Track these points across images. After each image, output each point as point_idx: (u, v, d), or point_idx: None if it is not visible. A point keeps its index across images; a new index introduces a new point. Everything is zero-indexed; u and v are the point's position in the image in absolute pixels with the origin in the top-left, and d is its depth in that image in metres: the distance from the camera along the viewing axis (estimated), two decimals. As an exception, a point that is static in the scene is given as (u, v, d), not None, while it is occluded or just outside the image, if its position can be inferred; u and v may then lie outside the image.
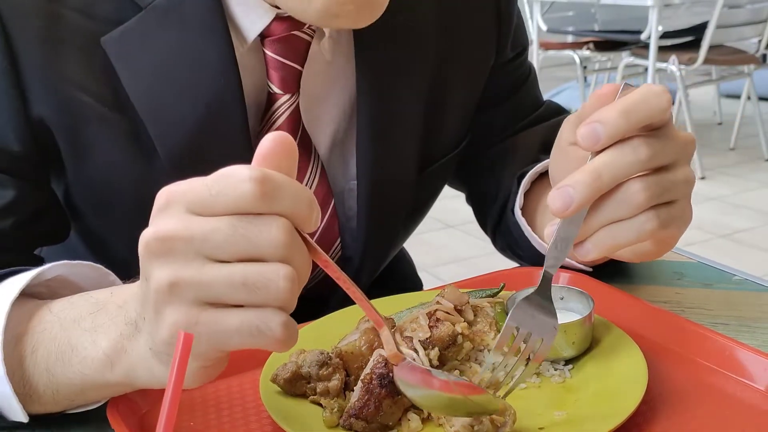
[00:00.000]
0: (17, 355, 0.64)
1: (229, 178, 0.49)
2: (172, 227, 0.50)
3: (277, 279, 0.49)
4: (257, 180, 0.49)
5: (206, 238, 0.49)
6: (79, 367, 0.60)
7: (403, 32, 0.86)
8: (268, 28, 0.79)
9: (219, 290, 0.50)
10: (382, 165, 0.88)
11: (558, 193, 0.60)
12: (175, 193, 0.51)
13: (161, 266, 0.51)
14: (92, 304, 0.62)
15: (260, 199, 0.49)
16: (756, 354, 0.68)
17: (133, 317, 0.57)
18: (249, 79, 0.81)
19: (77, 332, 0.61)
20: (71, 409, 0.67)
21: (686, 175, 0.63)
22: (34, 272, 0.67)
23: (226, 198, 0.49)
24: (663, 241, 0.66)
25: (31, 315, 0.65)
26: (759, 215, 3.86)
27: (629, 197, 0.60)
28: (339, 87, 0.87)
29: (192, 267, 0.50)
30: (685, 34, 4.51)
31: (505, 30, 0.97)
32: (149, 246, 0.51)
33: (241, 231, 0.49)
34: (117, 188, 0.82)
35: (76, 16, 0.76)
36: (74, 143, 0.79)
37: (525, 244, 0.92)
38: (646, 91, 0.60)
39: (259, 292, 0.49)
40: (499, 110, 1.01)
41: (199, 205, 0.50)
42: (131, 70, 0.77)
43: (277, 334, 0.50)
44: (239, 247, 0.49)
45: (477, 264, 3.26)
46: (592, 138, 0.59)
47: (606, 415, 0.61)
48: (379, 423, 0.61)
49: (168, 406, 0.46)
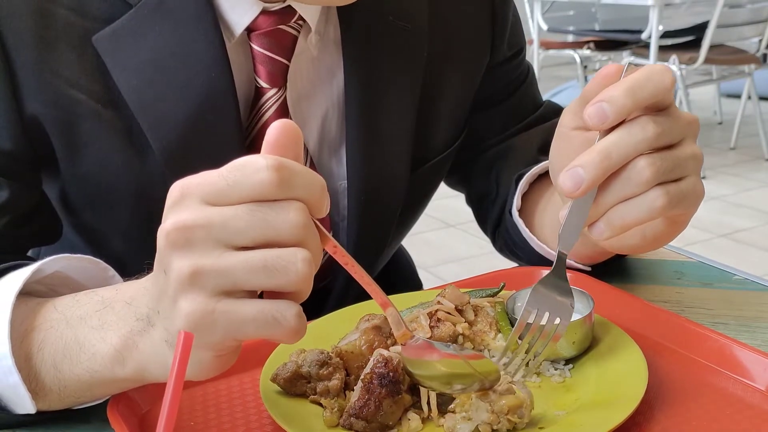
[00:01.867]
0: (24, 352, 0.64)
1: (245, 167, 0.51)
2: (191, 217, 0.51)
3: (296, 261, 0.50)
4: (274, 168, 0.50)
5: (226, 225, 0.50)
6: (88, 364, 0.61)
7: (393, 29, 0.87)
8: (254, 22, 0.80)
9: (239, 276, 0.50)
10: (373, 164, 0.88)
11: (568, 174, 0.61)
12: (189, 186, 0.52)
13: (182, 257, 0.51)
14: (98, 302, 0.62)
15: (278, 186, 0.50)
16: (756, 354, 0.68)
17: (145, 312, 0.57)
18: (237, 73, 0.81)
19: (84, 330, 0.61)
20: (76, 405, 0.67)
21: (693, 151, 0.63)
22: (35, 265, 0.67)
23: (243, 187, 0.50)
24: (675, 221, 0.66)
25: (36, 312, 0.66)
26: (759, 215, 3.86)
27: (637, 174, 0.61)
28: (327, 84, 0.88)
29: (212, 255, 0.51)
30: (686, 33, 4.51)
31: (500, 29, 0.97)
32: (169, 236, 0.51)
33: (260, 215, 0.50)
34: (111, 184, 0.82)
35: (68, 14, 0.77)
36: (68, 140, 0.80)
37: (523, 246, 0.91)
38: (650, 70, 0.61)
39: (278, 275, 0.50)
40: (498, 111, 1.01)
41: (215, 196, 0.51)
42: (123, 67, 0.78)
43: (291, 323, 0.52)
44: (258, 231, 0.51)
45: (477, 263, 3.26)
46: (600, 116, 0.60)
47: (606, 414, 0.61)
48: (379, 423, 0.61)
49: (168, 406, 0.46)
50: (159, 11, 0.77)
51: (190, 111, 0.79)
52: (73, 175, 0.83)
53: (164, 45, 0.78)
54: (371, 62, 0.86)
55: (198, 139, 0.80)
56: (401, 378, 0.62)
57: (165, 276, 0.53)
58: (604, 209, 0.63)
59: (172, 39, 0.78)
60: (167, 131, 0.79)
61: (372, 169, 0.88)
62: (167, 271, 0.52)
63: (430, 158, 0.95)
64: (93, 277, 0.71)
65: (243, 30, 0.80)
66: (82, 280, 0.71)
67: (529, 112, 1.02)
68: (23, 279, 0.65)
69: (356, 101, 0.86)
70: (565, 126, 0.72)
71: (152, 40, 0.77)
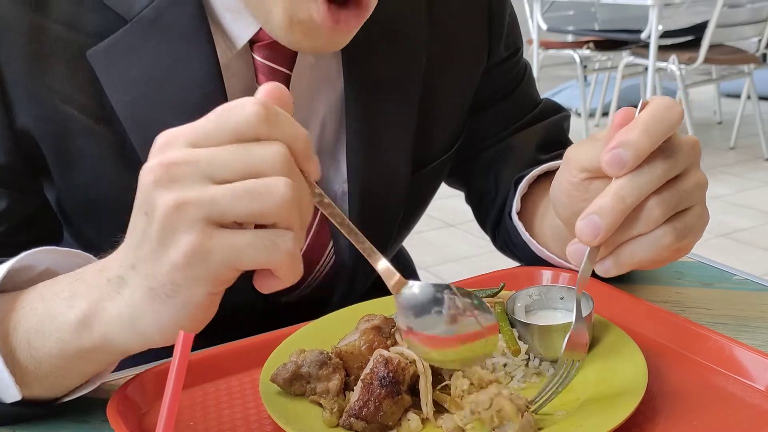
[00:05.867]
0: (2, 334, 0.64)
1: (232, 107, 0.52)
2: (176, 155, 0.52)
3: (279, 185, 0.51)
4: (261, 104, 0.52)
5: (211, 160, 0.51)
6: (57, 335, 0.60)
7: (392, 34, 0.86)
8: (256, 34, 0.80)
9: (224, 204, 0.51)
10: (373, 168, 0.88)
11: (584, 223, 0.60)
12: (175, 132, 0.53)
13: (166, 191, 0.51)
14: (72, 275, 0.63)
15: (263, 122, 0.52)
16: (756, 354, 0.68)
17: (116, 272, 0.57)
18: (238, 83, 0.81)
19: (56, 302, 0.61)
20: (62, 393, 0.66)
21: (698, 179, 0.63)
22: (16, 258, 0.67)
23: (228, 124, 0.52)
24: (679, 249, 0.66)
25: (16, 298, 0.66)
26: (759, 214, 3.86)
27: (646, 213, 0.60)
28: (325, 89, 0.87)
29: (197, 188, 0.51)
30: (685, 33, 4.51)
31: (497, 30, 0.97)
32: (153, 172, 0.52)
33: (244, 150, 0.52)
34: (103, 197, 0.82)
35: (60, 28, 0.77)
36: (60, 154, 0.80)
37: (523, 247, 0.91)
38: (659, 107, 0.60)
39: (262, 198, 0.51)
40: (496, 110, 1.01)
41: (202, 137, 0.52)
42: (117, 82, 0.77)
43: (288, 245, 0.52)
44: (242, 164, 0.51)
45: (477, 263, 3.26)
46: (618, 164, 0.59)
47: (606, 415, 0.61)
48: (379, 423, 0.61)
49: (168, 406, 0.46)
50: (154, 27, 0.77)
51: None
52: (65, 187, 0.83)
53: (158, 61, 0.77)
54: (370, 67, 0.86)
55: None
56: (401, 378, 0.62)
57: (146, 217, 0.53)
58: (612, 248, 0.63)
59: (166, 55, 0.77)
60: None
61: (373, 173, 0.88)
62: (150, 209, 0.52)
63: (431, 161, 0.95)
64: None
65: (245, 42, 0.80)
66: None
67: (528, 111, 1.02)
68: (6, 267, 0.66)
69: (356, 106, 0.86)
70: (573, 174, 0.67)
71: (146, 56, 0.77)
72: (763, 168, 4.57)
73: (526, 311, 0.74)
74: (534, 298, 0.75)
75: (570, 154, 0.69)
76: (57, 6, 0.77)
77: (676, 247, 0.63)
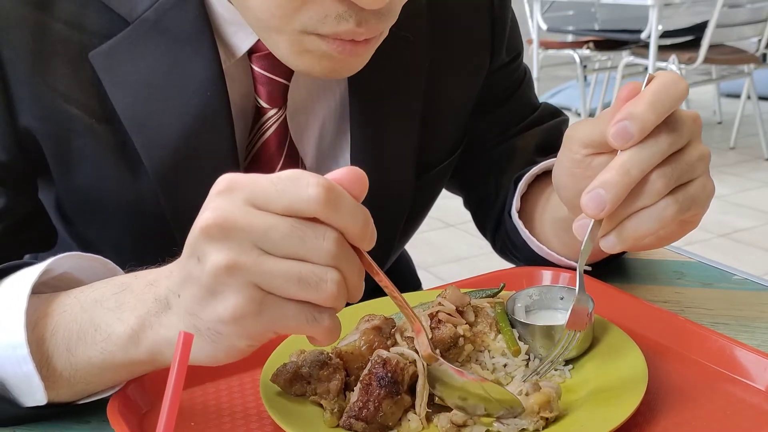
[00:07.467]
0: (36, 338, 0.64)
1: (297, 179, 0.52)
2: (233, 215, 0.52)
3: (327, 280, 0.53)
4: (323, 186, 0.52)
5: (265, 233, 0.52)
6: (103, 345, 0.61)
7: (394, 39, 0.86)
8: (255, 44, 0.80)
9: (276, 281, 0.52)
10: (377, 173, 0.87)
11: (590, 197, 0.61)
12: (238, 182, 0.53)
13: (219, 249, 0.52)
14: (115, 285, 0.63)
15: (323, 205, 0.52)
16: (756, 354, 0.68)
17: (164, 294, 0.58)
18: (236, 91, 0.81)
19: (100, 312, 0.62)
20: (82, 397, 0.67)
21: (700, 152, 0.64)
22: (47, 262, 0.67)
23: (289, 197, 0.52)
24: (687, 221, 0.66)
25: (48, 301, 0.66)
26: (759, 214, 3.86)
27: (648, 186, 0.61)
28: (324, 95, 0.87)
29: (250, 255, 0.52)
30: (685, 33, 4.51)
31: (499, 35, 0.97)
32: (208, 229, 0.52)
33: (299, 233, 0.52)
34: (103, 198, 0.82)
35: (63, 28, 0.77)
36: (61, 154, 0.80)
37: (523, 248, 0.91)
38: (665, 81, 0.61)
39: (310, 290, 0.53)
40: (495, 114, 1.01)
41: (261, 199, 0.52)
42: (119, 83, 0.78)
43: (327, 324, 0.55)
44: (293, 249, 0.52)
45: (477, 263, 3.26)
46: (624, 136, 0.60)
47: (606, 415, 0.61)
48: (378, 423, 0.61)
49: (168, 406, 0.46)
50: (156, 29, 0.77)
51: (184, 130, 0.79)
52: (66, 188, 0.83)
53: (160, 63, 0.78)
54: (373, 72, 0.86)
55: (191, 158, 0.80)
56: (400, 378, 0.62)
57: (198, 263, 0.53)
58: (615, 222, 0.63)
59: (169, 57, 0.78)
60: (160, 149, 0.79)
61: (376, 177, 0.88)
62: (202, 258, 0.53)
63: (434, 166, 0.96)
64: (101, 279, 0.71)
65: (244, 52, 0.80)
66: (90, 282, 0.71)
67: (527, 115, 1.02)
68: (38, 272, 0.65)
69: (359, 112, 0.86)
70: (575, 151, 0.68)
71: (149, 58, 0.77)
72: (763, 168, 4.57)
73: (526, 311, 0.74)
74: (534, 299, 0.75)
75: (571, 132, 0.70)
76: (61, 5, 0.77)
77: (681, 220, 0.63)
